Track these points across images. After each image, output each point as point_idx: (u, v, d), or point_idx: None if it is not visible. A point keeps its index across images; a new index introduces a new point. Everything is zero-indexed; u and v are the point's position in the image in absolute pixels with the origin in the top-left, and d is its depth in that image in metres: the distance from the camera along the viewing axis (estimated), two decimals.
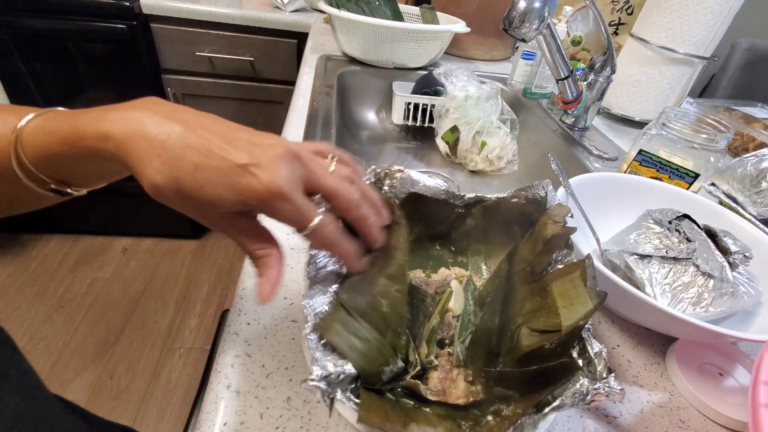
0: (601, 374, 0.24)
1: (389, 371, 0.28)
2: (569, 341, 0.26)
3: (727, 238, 0.42)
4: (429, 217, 0.40)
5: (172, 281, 1.58)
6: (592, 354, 0.25)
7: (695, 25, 0.73)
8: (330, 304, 0.27)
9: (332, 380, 0.23)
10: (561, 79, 0.71)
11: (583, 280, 0.28)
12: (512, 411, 0.25)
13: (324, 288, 0.28)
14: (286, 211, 0.24)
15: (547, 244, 0.32)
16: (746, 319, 0.41)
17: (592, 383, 0.23)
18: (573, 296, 0.28)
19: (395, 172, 0.36)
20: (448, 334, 0.34)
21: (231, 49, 1.25)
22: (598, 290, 0.27)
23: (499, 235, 0.40)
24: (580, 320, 0.26)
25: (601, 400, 0.23)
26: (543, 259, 0.32)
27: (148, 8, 1.15)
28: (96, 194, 0.30)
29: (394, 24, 0.85)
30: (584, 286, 0.28)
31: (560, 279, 0.30)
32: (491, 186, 0.78)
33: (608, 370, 0.24)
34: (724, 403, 0.35)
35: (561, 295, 0.29)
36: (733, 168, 0.66)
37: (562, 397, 0.23)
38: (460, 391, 0.30)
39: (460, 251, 0.42)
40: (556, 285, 0.29)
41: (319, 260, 0.30)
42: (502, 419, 0.25)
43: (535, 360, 0.28)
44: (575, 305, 0.27)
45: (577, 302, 0.28)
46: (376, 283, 0.29)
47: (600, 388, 0.23)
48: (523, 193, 0.37)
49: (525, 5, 0.58)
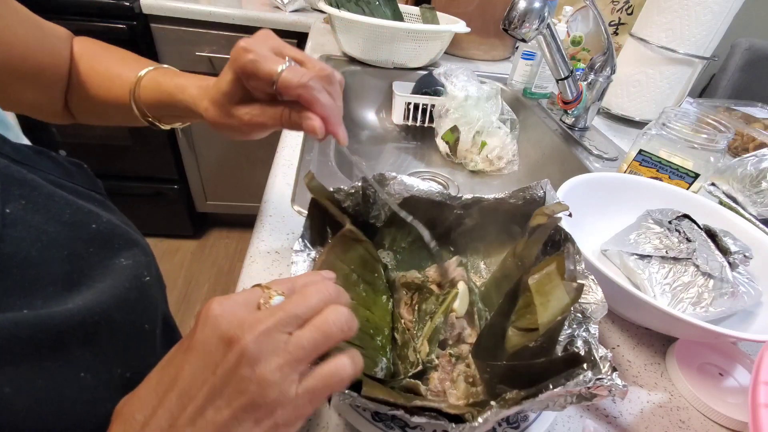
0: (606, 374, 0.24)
1: (380, 370, 0.29)
2: (552, 337, 0.26)
3: (727, 238, 0.42)
4: (427, 219, 0.40)
5: (172, 281, 1.57)
6: (598, 358, 0.25)
7: (695, 25, 0.73)
8: None
9: None
10: (561, 79, 0.71)
11: (560, 273, 0.28)
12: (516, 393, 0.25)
13: None
14: (254, 61, 0.30)
15: (532, 235, 0.32)
16: (746, 319, 0.41)
17: (595, 373, 0.23)
18: (549, 291, 0.28)
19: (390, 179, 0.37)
20: (452, 334, 0.34)
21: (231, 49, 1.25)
22: (576, 283, 0.27)
23: (498, 234, 0.40)
24: (557, 316, 0.26)
25: (603, 395, 0.23)
26: (530, 252, 0.32)
27: (148, 8, 1.15)
28: None
29: (394, 24, 0.85)
30: (560, 280, 0.28)
31: (537, 274, 0.29)
32: (491, 186, 0.78)
33: (613, 369, 0.24)
34: (724, 403, 0.35)
35: (537, 291, 0.28)
36: (733, 168, 0.66)
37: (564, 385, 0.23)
38: (461, 392, 0.30)
39: (458, 250, 0.42)
40: (533, 281, 0.29)
41: None
42: (506, 402, 0.25)
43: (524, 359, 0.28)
44: (551, 301, 0.27)
45: (553, 297, 0.27)
46: None
47: (604, 380, 0.23)
48: (521, 194, 0.37)
49: (525, 5, 0.58)
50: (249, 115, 0.33)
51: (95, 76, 0.40)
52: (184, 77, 0.37)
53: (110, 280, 0.26)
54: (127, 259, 0.28)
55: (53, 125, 1.30)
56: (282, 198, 0.50)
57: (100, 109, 0.42)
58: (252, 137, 0.36)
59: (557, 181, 0.46)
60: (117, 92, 0.39)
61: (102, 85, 0.40)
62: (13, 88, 0.36)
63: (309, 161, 0.57)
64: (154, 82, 0.38)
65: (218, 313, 0.20)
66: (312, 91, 0.30)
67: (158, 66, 0.40)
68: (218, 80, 0.33)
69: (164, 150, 1.41)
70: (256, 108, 0.33)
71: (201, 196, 1.60)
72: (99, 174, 0.32)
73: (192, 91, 0.36)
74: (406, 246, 0.41)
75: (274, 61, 0.30)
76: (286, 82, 0.30)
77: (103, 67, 0.40)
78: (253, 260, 0.41)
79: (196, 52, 1.24)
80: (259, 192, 0.51)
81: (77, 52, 0.41)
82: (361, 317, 0.31)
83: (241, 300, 0.21)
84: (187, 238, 1.74)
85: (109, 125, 0.46)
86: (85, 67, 0.40)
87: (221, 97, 0.33)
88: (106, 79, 0.40)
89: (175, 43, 1.24)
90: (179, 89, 0.36)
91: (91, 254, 0.26)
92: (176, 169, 1.48)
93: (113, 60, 0.41)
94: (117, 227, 0.28)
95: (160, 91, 0.38)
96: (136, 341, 0.27)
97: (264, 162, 1.46)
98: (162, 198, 1.53)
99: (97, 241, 0.26)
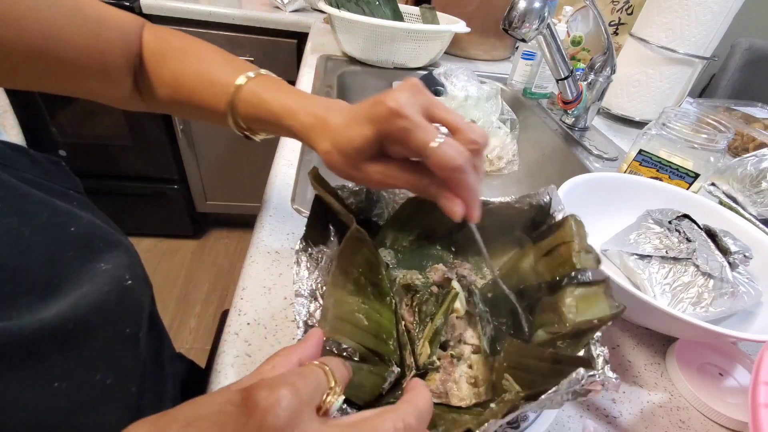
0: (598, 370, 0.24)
1: (388, 384, 0.29)
2: (580, 337, 0.27)
3: (727, 238, 0.42)
4: (429, 220, 0.40)
5: (172, 281, 1.57)
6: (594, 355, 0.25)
7: (695, 25, 0.73)
8: None
9: None
10: (561, 79, 0.71)
11: (606, 293, 0.29)
12: (515, 395, 0.25)
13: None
14: (406, 129, 0.26)
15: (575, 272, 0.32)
16: (746, 319, 0.41)
17: (588, 370, 0.23)
18: (593, 301, 0.28)
19: None
20: (453, 335, 0.34)
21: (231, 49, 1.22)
22: (618, 304, 0.28)
23: (501, 236, 0.40)
24: (594, 318, 0.26)
25: (597, 390, 0.23)
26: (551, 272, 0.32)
27: (148, 8, 1.15)
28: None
29: (394, 24, 0.85)
30: (605, 296, 0.28)
31: (582, 288, 0.30)
32: (491, 186, 0.78)
33: (606, 362, 0.24)
34: (724, 403, 0.35)
35: (581, 299, 0.29)
36: (733, 168, 0.66)
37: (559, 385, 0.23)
38: (463, 393, 0.30)
39: (460, 252, 0.42)
40: (578, 290, 0.30)
41: None
42: (504, 403, 0.25)
43: None
44: (592, 308, 0.28)
45: (595, 306, 0.28)
46: (346, 301, 0.30)
47: (596, 375, 0.23)
48: (527, 200, 0.37)
49: (525, 5, 0.58)
50: (382, 175, 0.29)
51: (184, 78, 0.37)
52: (292, 96, 0.33)
53: (88, 285, 0.25)
54: (108, 262, 0.27)
55: (53, 125, 1.29)
56: (282, 198, 0.50)
57: (187, 110, 0.39)
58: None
59: (557, 181, 0.46)
60: (210, 101, 0.36)
61: (194, 90, 0.36)
62: (76, 79, 0.34)
63: (309, 161, 0.57)
64: (256, 98, 0.34)
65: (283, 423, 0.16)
66: (463, 175, 0.27)
67: (257, 71, 0.35)
68: (349, 129, 0.29)
69: (164, 150, 1.41)
70: (393, 170, 0.29)
71: (201, 196, 1.60)
72: (99, 174, 0.32)
73: (303, 118, 0.32)
74: (407, 245, 0.41)
75: (428, 132, 0.26)
76: (441, 162, 0.26)
77: (194, 70, 0.36)
78: (253, 260, 0.41)
79: None
80: (259, 192, 0.51)
81: (154, 48, 0.37)
82: (375, 322, 0.31)
83: (307, 398, 0.17)
84: (187, 238, 1.74)
85: None
86: (171, 68, 0.37)
87: (352, 151, 0.29)
88: (198, 83, 0.36)
89: None
90: (288, 113, 0.32)
91: (70, 258, 0.25)
92: (176, 169, 1.48)
93: (206, 61, 0.37)
94: (97, 228, 0.27)
95: (263, 110, 0.34)
96: (117, 346, 0.26)
97: (264, 162, 1.47)
98: (162, 198, 1.53)
99: (76, 244, 0.25)
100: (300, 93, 0.34)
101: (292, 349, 0.21)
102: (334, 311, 0.29)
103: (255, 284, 0.38)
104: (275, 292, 0.38)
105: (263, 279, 0.39)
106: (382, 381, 0.29)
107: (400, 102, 0.26)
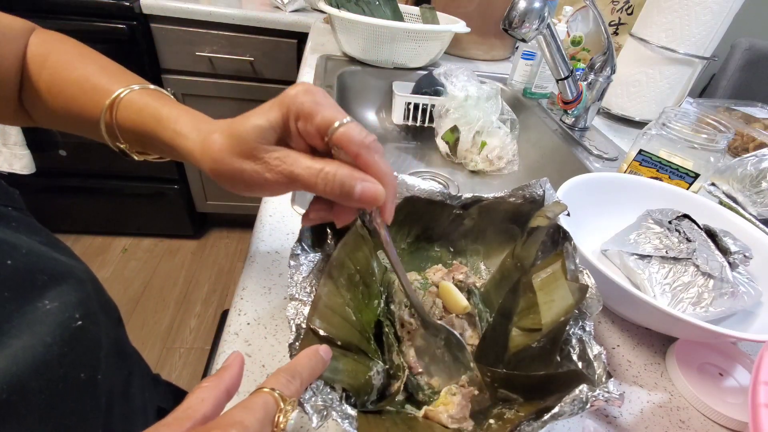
0: (600, 378, 0.24)
1: (376, 374, 0.28)
2: (555, 338, 0.26)
3: (727, 238, 0.42)
4: (426, 220, 0.40)
5: (172, 281, 1.57)
6: (592, 357, 0.25)
7: (695, 25, 0.73)
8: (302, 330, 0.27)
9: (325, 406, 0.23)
10: (561, 79, 0.71)
11: (564, 273, 0.28)
12: (515, 414, 0.25)
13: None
14: (316, 103, 0.25)
15: (531, 235, 0.32)
16: (746, 319, 0.41)
17: (592, 390, 0.23)
18: (553, 290, 0.28)
19: None
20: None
21: (231, 49, 1.25)
22: (579, 284, 0.27)
23: (498, 235, 0.40)
24: (561, 316, 0.26)
25: (600, 405, 0.23)
26: (529, 253, 0.32)
27: (148, 8, 1.15)
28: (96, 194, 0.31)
29: (394, 24, 0.85)
30: (565, 279, 0.28)
31: (541, 272, 0.29)
32: (491, 186, 0.78)
33: (607, 374, 0.24)
34: (724, 403, 0.35)
35: (541, 290, 0.28)
36: (733, 168, 0.66)
37: (561, 404, 0.23)
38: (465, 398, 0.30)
39: (458, 251, 0.42)
40: (537, 279, 0.29)
41: None
42: (504, 422, 0.25)
43: (526, 359, 0.28)
44: (555, 300, 0.27)
45: (557, 297, 0.27)
46: (339, 293, 0.30)
47: (599, 395, 0.22)
48: (520, 192, 0.37)
49: (525, 5, 0.58)
50: (279, 160, 0.26)
51: (64, 84, 0.33)
52: (179, 106, 0.31)
53: (28, 335, 0.21)
54: (53, 300, 0.23)
55: None
56: (282, 198, 0.50)
57: (69, 121, 0.35)
58: (262, 192, 0.28)
59: (557, 181, 0.46)
60: (91, 108, 0.32)
61: (74, 97, 0.32)
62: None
63: None
64: (140, 103, 0.31)
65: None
66: (375, 155, 0.25)
67: (145, 85, 0.32)
68: (250, 118, 0.26)
69: None
70: (291, 155, 0.26)
71: (201, 196, 1.60)
72: (99, 174, 0.31)
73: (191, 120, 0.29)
74: (405, 247, 0.41)
75: (338, 111, 0.26)
76: (348, 135, 0.25)
77: (76, 75, 0.32)
78: (253, 260, 0.41)
79: (196, 52, 1.24)
80: None
81: (38, 52, 0.33)
82: (358, 320, 0.31)
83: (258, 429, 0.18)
84: (187, 238, 1.74)
85: None
86: (51, 72, 0.33)
87: (253, 132, 0.26)
88: (78, 89, 0.32)
89: (175, 43, 1.24)
90: (172, 118, 0.29)
91: (5, 300, 0.21)
92: (176, 169, 1.48)
93: (91, 67, 0.33)
94: (39, 258, 0.24)
95: (146, 114, 0.30)
96: (68, 398, 0.23)
97: None
98: (162, 198, 1.53)
99: (13, 282, 0.22)
100: (191, 112, 0.31)
101: (217, 378, 0.21)
102: (326, 300, 0.29)
103: (255, 284, 0.38)
104: (275, 292, 0.38)
105: (263, 279, 0.39)
106: (368, 369, 0.29)
107: (309, 86, 0.26)
